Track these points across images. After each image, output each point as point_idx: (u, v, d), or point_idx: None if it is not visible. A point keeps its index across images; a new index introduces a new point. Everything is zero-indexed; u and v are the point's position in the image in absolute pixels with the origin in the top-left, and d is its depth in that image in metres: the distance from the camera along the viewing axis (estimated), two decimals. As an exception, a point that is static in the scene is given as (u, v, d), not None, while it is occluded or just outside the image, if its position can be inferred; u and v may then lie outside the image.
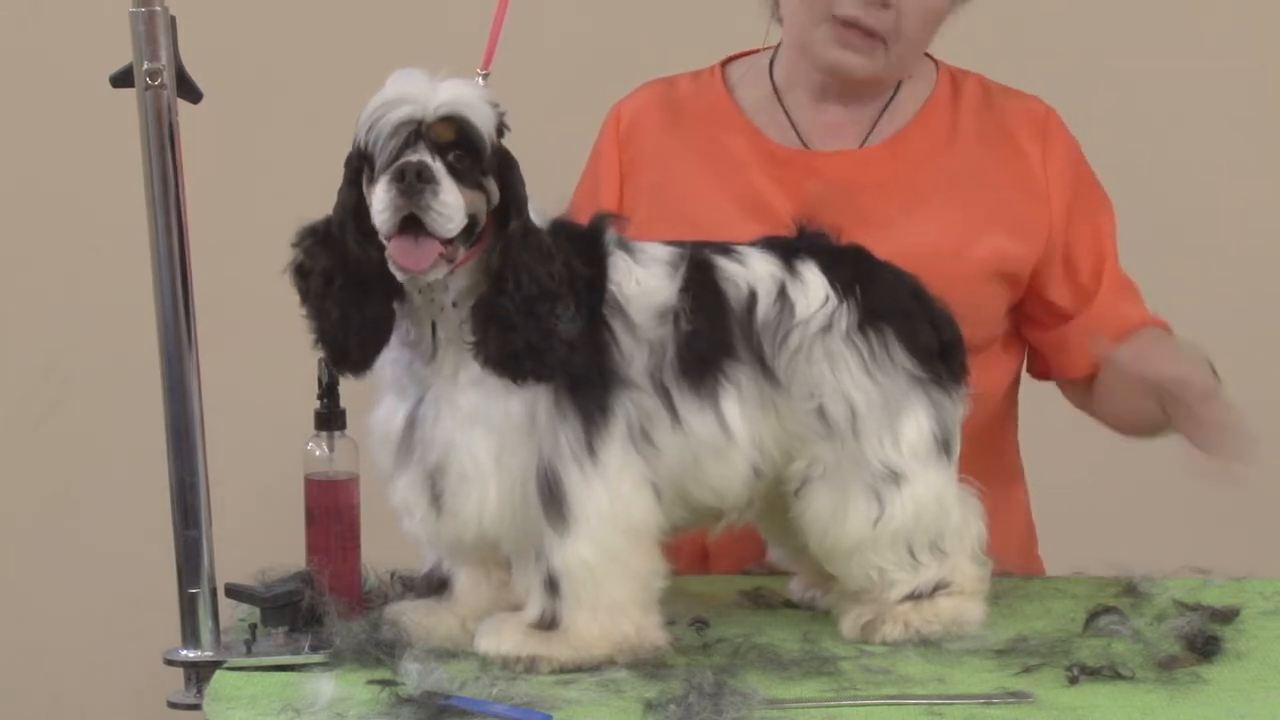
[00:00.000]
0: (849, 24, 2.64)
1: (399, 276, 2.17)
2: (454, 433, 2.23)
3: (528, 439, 2.22)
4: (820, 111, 2.75)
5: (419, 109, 2.15)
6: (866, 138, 2.74)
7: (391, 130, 2.15)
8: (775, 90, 2.78)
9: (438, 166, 2.15)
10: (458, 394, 2.22)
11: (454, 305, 2.22)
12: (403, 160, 2.14)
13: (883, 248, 2.41)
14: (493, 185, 2.20)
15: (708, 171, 2.73)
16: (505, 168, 2.20)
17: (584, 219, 2.38)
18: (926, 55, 2.78)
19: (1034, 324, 2.77)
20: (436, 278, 2.19)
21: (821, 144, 2.74)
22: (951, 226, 2.67)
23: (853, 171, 2.70)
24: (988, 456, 2.60)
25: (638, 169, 2.78)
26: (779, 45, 2.80)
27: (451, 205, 2.15)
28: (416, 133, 2.16)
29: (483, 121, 2.17)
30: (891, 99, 2.75)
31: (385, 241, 2.17)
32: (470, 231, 2.19)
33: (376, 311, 2.22)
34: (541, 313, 2.17)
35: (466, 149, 2.17)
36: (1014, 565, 2.65)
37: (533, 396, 2.21)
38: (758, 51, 2.84)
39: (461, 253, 2.19)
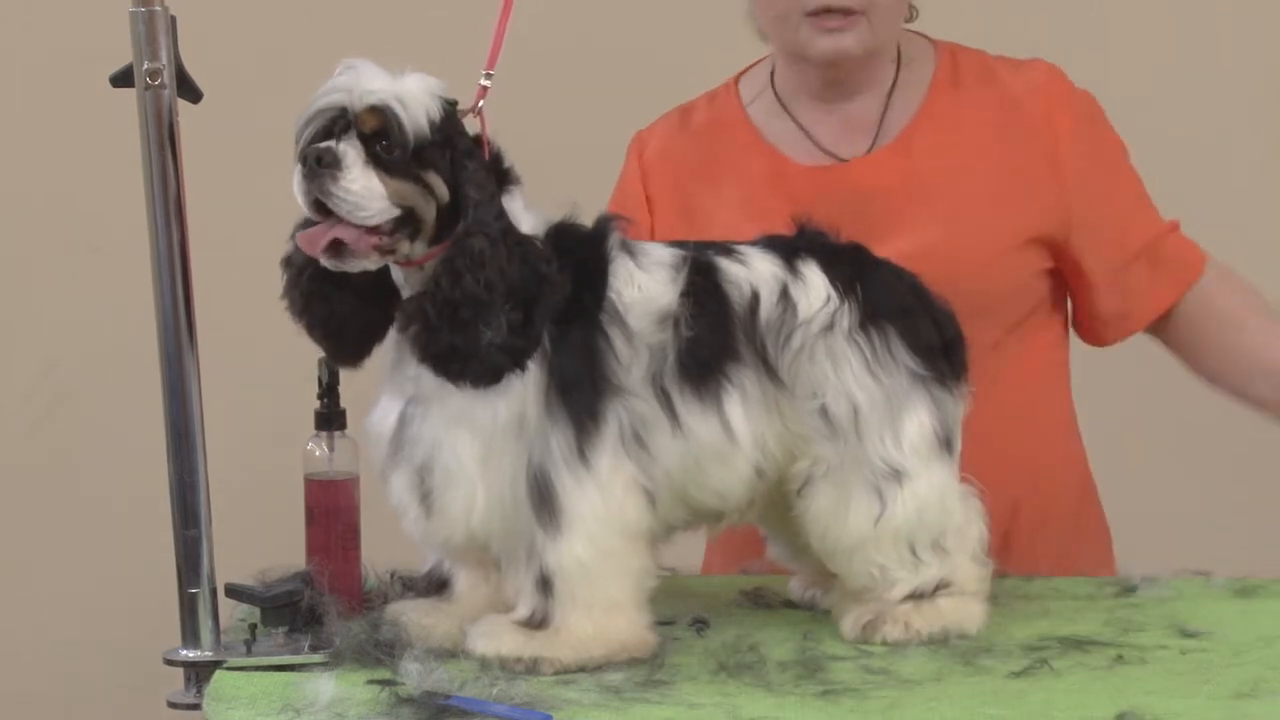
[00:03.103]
0: (822, 11, 2.65)
1: (324, 263, 2.19)
2: (440, 432, 2.23)
3: (516, 442, 2.22)
4: (828, 113, 2.76)
5: (346, 97, 2.18)
6: (876, 138, 2.74)
7: (310, 117, 2.19)
8: (780, 101, 2.78)
9: (346, 151, 2.16)
10: (446, 394, 2.23)
11: None
12: (311, 145, 2.17)
13: (906, 244, 2.47)
14: (435, 179, 2.20)
15: (729, 197, 2.75)
16: (456, 166, 2.21)
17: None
18: (923, 36, 2.79)
19: (1077, 290, 2.78)
20: (367, 268, 2.20)
21: (835, 146, 2.75)
22: (971, 211, 2.68)
23: (868, 178, 2.71)
24: (1041, 414, 2.73)
25: (663, 202, 2.80)
26: (771, 55, 2.82)
27: (356, 192, 2.16)
28: (345, 121, 2.18)
29: (415, 113, 2.18)
30: (894, 90, 2.75)
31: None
32: (412, 225, 2.19)
33: (356, 303, 2.25)
34: (464, 319, 2.18)
35: (394, 139, 2.17)
36: (1070, 512, 2.73)
37: (520, 400, 2.22)
38: (763, 60, 2.85)
39: (416, 248, 2.21)
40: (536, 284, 2.20)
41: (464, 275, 2.18)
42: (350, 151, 2.17)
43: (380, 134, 2.18)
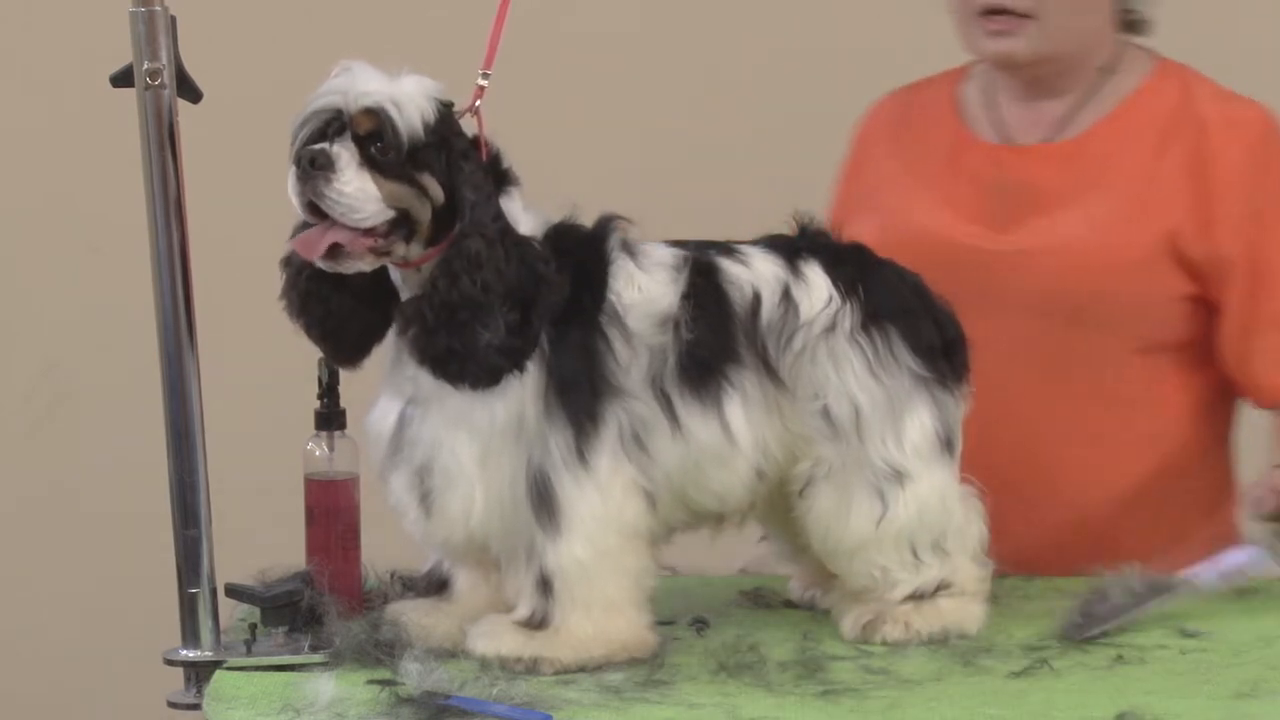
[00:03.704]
0: (992, 12, 2.65)
1: (319, 266, 2.19)
2: (439, 433, 2.23)
3: (514, 443, 2.22)
4: (1025, 107, 2.74)
5: (341, 99, 2.18)
6: (1058, 131, 2.73)
7: (305, 119, 2.19)
8: (990, 89, 2.78)
9: (340, 153, 2.16)
10: (445, 394, 2.23)
11: None
12: (305, 147, 2.17)
13: (1042, 240, 2.56)
14: (430, 181, 2.20)
15: (908, 166, 2.76)
16: (452, 167, 2.21)
17: (840, 215, 2.63)
18: (1147, 50, 2.76)
19: (1218, 335, 2.70)
20: (362, 270, 2.20)
21: (1022, 136, 2.74)
22: (1113, 218, 2.66)
23: (1036, 165, 2.70)
24: (1183, 480, 2.68)
25: (860, 171, 2.83)
26: None
27: (350, 194, 2.16)
28: (340, 123, 2.18)
29: (410, 115, 2.18)
30: (1093, 94, 2.73)
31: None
32: (408, 227, 2.19)
33: (354, 304, 2.25)
34: (461, 320, 2.17)
35: (389, 141, 2.17)
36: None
37: (519, 401, 2.22)
38: None
39: (413, 250, 2.21)
40: (534, 285, 2.20)
41: (461, 277, 2.18)
42: (344, 154, 2.17)
43: (375, 136, 2.18)
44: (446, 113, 2.22)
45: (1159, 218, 2.66)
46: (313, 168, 2.16)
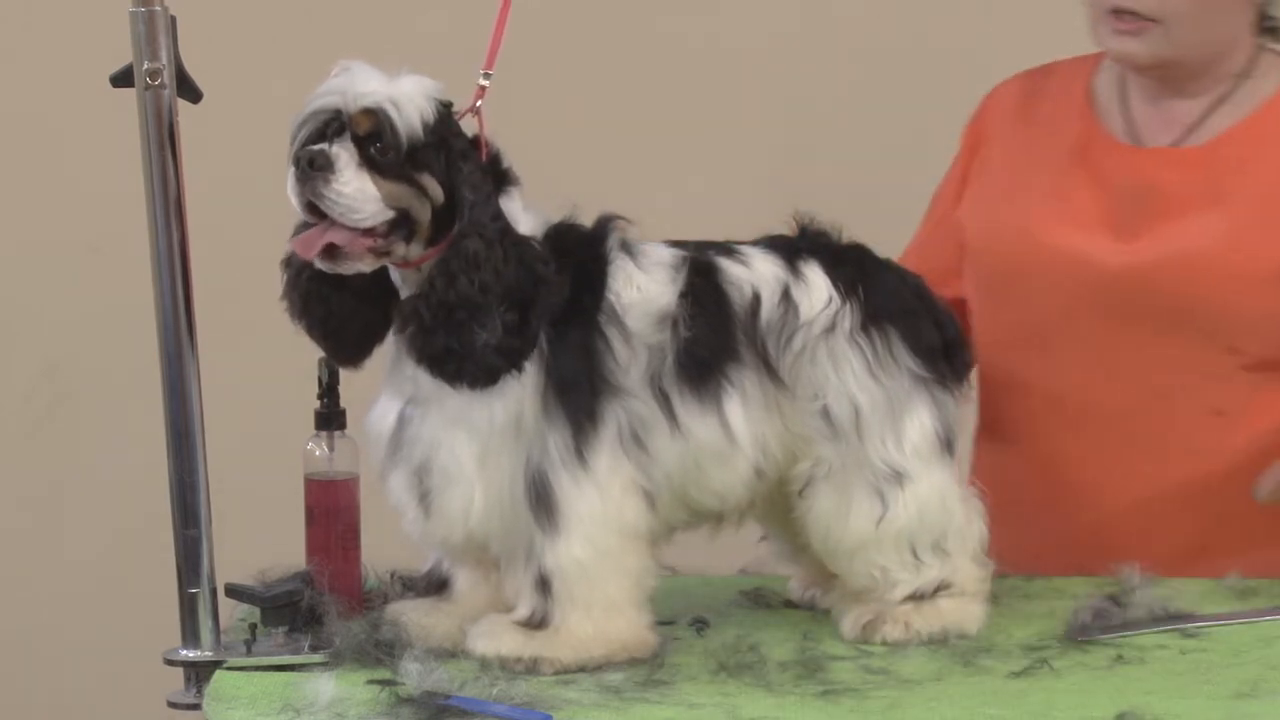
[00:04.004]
0: (1119, 12, 2.63)
1: (318, 266, 2.20)
2: (438, 432, 2.24)
3: (513, 443, 2.22)
4: (1153, 105, 2.72)
5: (340, 99, 2.18)
6: (1189, 135, 2.70)
7: (305, 119, 2.19)
8: (1121, 83, 2.75)
9: (339, 153, 2.16)
10: (444, 394, 2.23)
11: None
12: (304, 148, 2.17)
13: (1165, 247, 2.54)
14: (430, 181, 2.20)
15: (1034, 157, 2.73)
16: (451, 167, 2.20)
17: (946, 196, 2.67)
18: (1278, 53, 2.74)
19: None
20: (361, 270, 2.21)
21: (1149, 138, 2.71)
22: (1242, 228, 2.62)
23: (1164, 169, 2.67)
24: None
25: (978, 150, 2.80)
26: None
27: (349, 194, 2.16)
28: (339, 123, 2.18)
29: (409, 115, 2.18)
30: (1228, 97, 2.71)
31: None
32: (407, 227, 2.19)
33: (354, 304, 2.25)
34: (459, 320, 2.17)
35: (388, 141, 2.17)
36: None
37: (517, 401, 2.22)
38: None
39: (412, 250, 2.21)
40: (533, 285, 2.20)
41: (458, 277, 2.18)
42: (343, 154, 2.17)
43: (374, 136, 2.18)
44: (445, 113, 2.22)
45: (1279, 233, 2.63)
46: (311, 168, 2.16)
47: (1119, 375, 2.65)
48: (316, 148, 2.17)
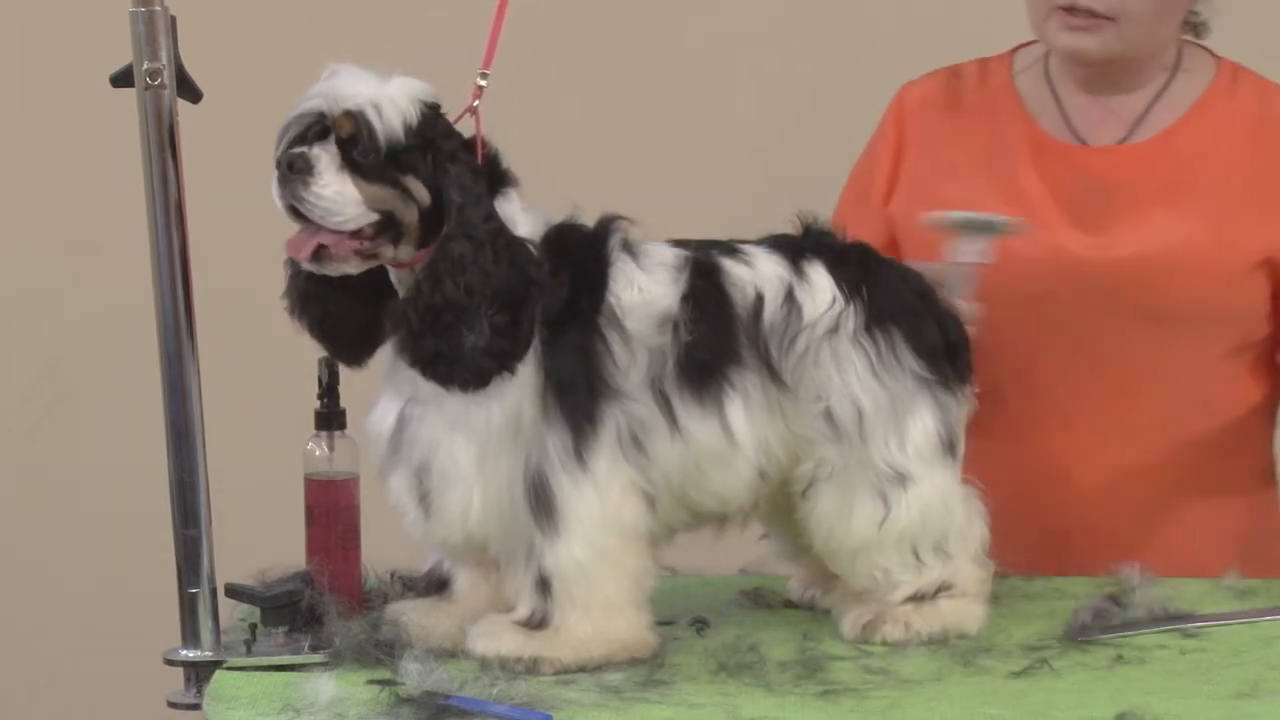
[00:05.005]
0: (1071, 9, 2.63)
1: (306, 267, 2.21)
2: (437, 433, 2.24)
3: (512, 444, 2.22)
4: (1089, 101, 2.73)
5: (324, 103, 2.18)
6: (1134, 130, 2.72)
7: (290, 123, 2.20)
8: (1049, 80, 2.76)
9: (319, 156, 2.17)
10: (443, 395, 2.23)
11: None
12: (287, 151, 2.18)
13: (1140, 243, 2.55)
14: (414, 183, 2.20)
15: (975, 159, 2.73)
16: (439, 169, 2.20)
17: (855, 199, 2.63)
18: (1205, 49, 2.76)
19: None
20: (348, 272, 2.21)
21: (1091, 135, 2.72)
22: (1215, 221, 2.65)
23: (1119, 167, 2.69)
24: (1240, 461, 2.68)
25: (907, 154, 2.79)
26: None
27: (328, 197, 2.16)
28: (322, 126, 2.18)
29: (390, 117, 2.18)
30: (1164, 90, 2.73)
31: None
32: (394, 229, 2.19)
33: (351, 304, 2.25)
34: (446, 323, 2.17)
35: (367, 144, 2.17)
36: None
37: (516, 402, 2.22)
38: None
39: (403, 251, 2.21)
40: (524, 286, 2.20)
41: (444, 280, 2.18)
42: (324, 157, 2.17)
43: (355, 139, 2.18)
44: (432, 114, 2.21)
45: (1266, 219, 2.65)
46: (291, 171, 2.17)
47: (1099, 366, 2.66)
48: (297, 151, 2.17)
